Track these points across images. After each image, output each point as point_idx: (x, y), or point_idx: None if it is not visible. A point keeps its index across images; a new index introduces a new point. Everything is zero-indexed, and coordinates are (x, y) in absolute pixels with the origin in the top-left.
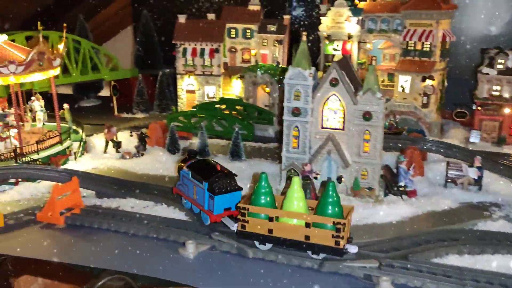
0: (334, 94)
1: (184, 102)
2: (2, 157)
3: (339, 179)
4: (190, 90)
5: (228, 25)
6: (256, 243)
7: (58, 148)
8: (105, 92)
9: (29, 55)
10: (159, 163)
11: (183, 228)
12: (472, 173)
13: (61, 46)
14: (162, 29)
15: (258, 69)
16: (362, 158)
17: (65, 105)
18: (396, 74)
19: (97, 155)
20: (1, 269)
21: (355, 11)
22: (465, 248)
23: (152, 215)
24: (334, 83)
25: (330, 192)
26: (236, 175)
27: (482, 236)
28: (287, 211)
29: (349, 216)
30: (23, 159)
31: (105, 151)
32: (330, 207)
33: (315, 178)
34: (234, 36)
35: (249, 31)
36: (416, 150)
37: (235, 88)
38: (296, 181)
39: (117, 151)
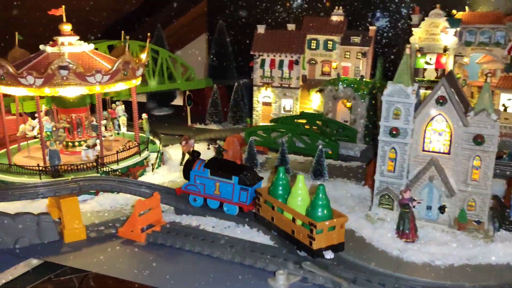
0: (440, 114)
1: (260, 114)
2: (85, 167)
3: (442, 209)
4: (266, 103)
5: (308, 36)
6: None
7: (137, 158)
8: (177, 102)
9: (114, 65)
10: None
11: (270, 255)
12: None
13: (143, 56)
14: (236, 39)
15: (340, 83)
16: (470, 187)
17: (144, 115)
18: (497, 92)
19: (174, 167)
20: (83, 286)
21: (453, 21)
22: None
23: (235, 237)
24: (441, 101)
25: (320, 195)
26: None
27: None
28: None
29: (339, 223)
30: (104, 169)
31: (181, 163)
32: (315, 208)
33: (414, 206)
34: (314, 47)
35: (331, 42)
36: None
37: (314, 102)
38: (301, 179)
39: None
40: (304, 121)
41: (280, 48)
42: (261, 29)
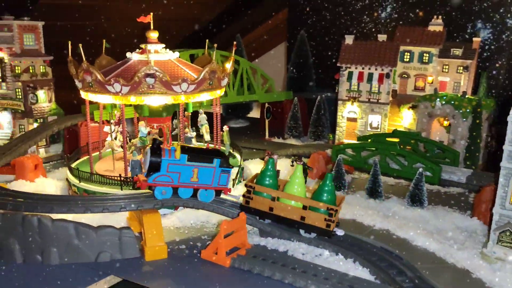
0: None
1: (343, 130)
2: None
3: None
4: (352, 118)
5: (401, 48)
6: (257, 217)
7: None
8: (253, 114)
9: (201, 74)
10: None
11: None
12: None
13: (228, 65)
14: (317, 50)
15: (438, 99)
16: None
17: (225, 127)
18: None
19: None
20: None
21: None
22: None
23: (330, 268)
24: None
25: (327, 182)
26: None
27: None
28: (290, 193)
29: (341, 204)
30: None
31: None
32: (325, 194)
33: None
34: (408, 60)
35: (427, 54)
36: None
37: (405, 119)
38: (299, 169)
39: None
40: (396, 139)
41: (369, 60)
42: (349, 39)
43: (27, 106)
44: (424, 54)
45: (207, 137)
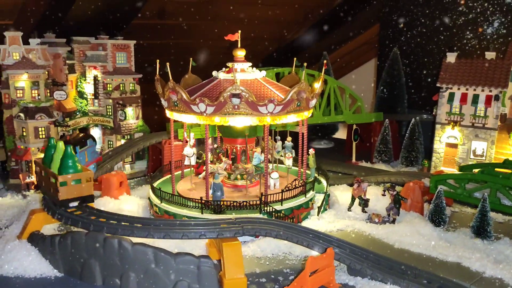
0: None
1: (441, 157)
2: (248, 204)
3: None
4: (451, 144)
5: None
6: None
7: (302, 199)
8: (338, 135)
9: (288, 94)
10: (421, 236)
11: None
12: None
13: (317, 85)
14: (411, 69)
15: None
16: None
17: (311, 150)
18: None
19: (341, 212)
20: None
21: None
22: None
23: None
24: None
25: (67, 153)
26: None
27: None
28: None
29: (83, 177)
30: (267, 209)
31: (349, 209)
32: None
33: None
34: None
35: None
36: None
37: None
38: (60, 144)
39: (363, 211)
40: (509, 171)
41: (475, 80)
42: (451, 57)
43: (116, 123)
44: None
45: (289, 162)
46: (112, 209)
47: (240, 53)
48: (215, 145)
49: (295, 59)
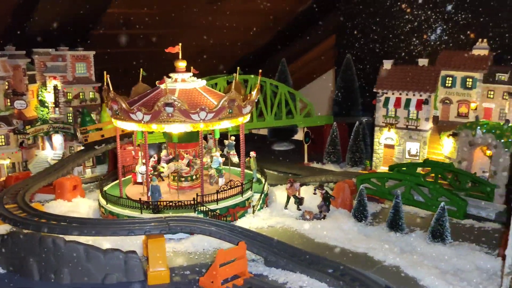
0: None
1: (381, 157)
2: (183, 204)
3: None
4: (389, 145)
5: (443, 73)
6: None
7: (238, 199)
8: (299, 137)
9: (219, 103)
10: (342, 231)
11: None
12: None
13: (254, 93)
14: (365, 74)
15: (479, 127)
16: None
17: (252, 153)
18: None
19: (277, 210)
20: None
21: None
22: None
23: None
24: None
25: None
26: None
27: None
28: None
29: None
30: (201, 208)
31: (285, 207)
32: None
33: None
34: (450, 85)
35: (470, 79)
36: None
37: (445, 147)
38: None
39: (298, 209)
40: (428, 170)
41: (407, 86)
42: (387, 64)
43: (76, 129)
44: (467, 79)
45: (235, 158)
46: (63, 211)
47: (181, 64)
48: (170, 157)
49: (238, 68)
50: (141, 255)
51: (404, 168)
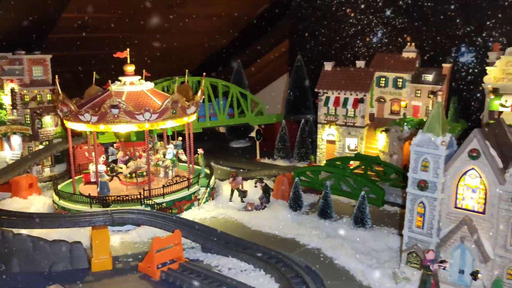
0: (473, 169)
1: (324, 152)
2: (130, 198)
3: (474, 275)
4: (331, 141)
5: (377, 73)
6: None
7: (184, 193)
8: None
9: (163, 104)
10: (277, 220)
11: None
12: None
13: (199, 94)
14: (315, 74)
15: (405, 123)
16: (510, 253)
17: (200, 151)
18: None
19: (222, 203)
20: None
21: None
22: None
23: (242, 282)
24: (474, 155)
25: None
26: None
27: None
28: None
29: None
30: (148, 201)
31: (230, 200)
32: None
33: (444, 268)
34: (383, 85)
35: (400, 80)
36: None
37: (379, 142)
38: None
39: (242, 201)
40: (358, 163)
41: (345, 86)
42: (328, 66)
43: (34, 130)
44: (398, 80)
45: (183, 158)
46: (17, 208)
47: (130, 68)
48: (127, 157)
49: (186, 71)
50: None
51: (338, 162)
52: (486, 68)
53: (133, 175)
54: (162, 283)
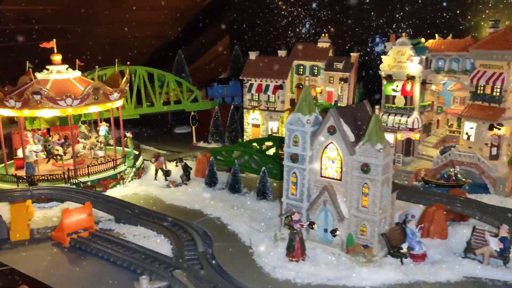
0: (332, 143)
1: (250, 135)
2: (55, 177)
3: (333, 232)
4: (255, 124)
5: (296, 62)
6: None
7: (110, 172)
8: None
9: (84, 91)
10: (191, 195)
11: (159, 263)
12: (494, 244)
13: (123, 81)
14: None
15: (316, 107)
16: (362, 213)
17: (128, 134)
18: (462, 120)
19: (147, 181)
20: (7, 279)
21: (419, 50)
22: None
23: (141, 245)
24: (331, 131)
25: None
26: None
27: None
28: None
29: None
30: (73, 180)
31: (155, 178)
32: None
33: (312, 228)
34: (302, 73)
35: (316, 68)
36: (441, 208)
37: None
38: None
39: (166, 179)
40: (271, 143)
41: (266, 74)
42: (252, 55)
43: None
44: (314, 68)
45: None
46: None
47: (57, 58)
48: (63, 140)
49: (116, 60)
50: None
51: (255, 143)
52: (382, 57)
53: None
54: (71, 248)
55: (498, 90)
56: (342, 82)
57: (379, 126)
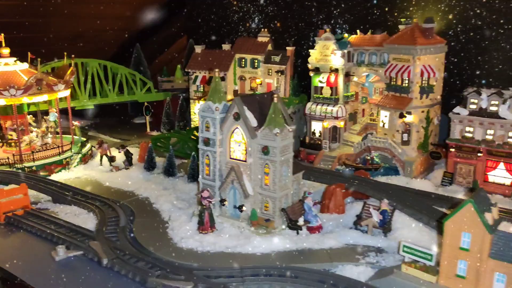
0: (237, 128)
1: (197, 124)
2: (2, 162)
3: (239, 208)
4: None
5: (238, 55)
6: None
7: (56, 158)
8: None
9: (27, 82)
10: (129, 178)
11: (82, 236)
12: (375, 216)
13: (68, 73)
14: None
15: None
16: (265, 191)
17: (75, 123)
18: (378, 109)
19: (92, 167)
20: None
21: (341, 44)
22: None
23: (69, 222)
24: (236, 117)
25: None
26: None
27: (323, 278)
28: None
29: None
30: (18, 165)
31: (100, 164)
32: None
33: (221, 204)
34: (244, 65)
35: (256, 61)
36: (340, 187)
37: None
38: None
39: (111, 165)
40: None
41: (209, 66)
42: (198, 49)
43: None
44: (254, 61)
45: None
46: None
47: (4, 51)
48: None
49: (65, 53)
50: None
51: (195, 131)
52: (310, 51)
53: (13, 144)
54: (6, 225)
55: (406, 81)
56: (279, 74)
57: (277, 113)
